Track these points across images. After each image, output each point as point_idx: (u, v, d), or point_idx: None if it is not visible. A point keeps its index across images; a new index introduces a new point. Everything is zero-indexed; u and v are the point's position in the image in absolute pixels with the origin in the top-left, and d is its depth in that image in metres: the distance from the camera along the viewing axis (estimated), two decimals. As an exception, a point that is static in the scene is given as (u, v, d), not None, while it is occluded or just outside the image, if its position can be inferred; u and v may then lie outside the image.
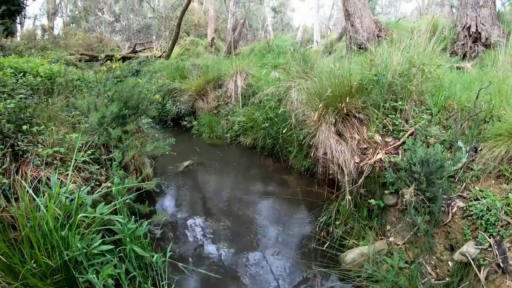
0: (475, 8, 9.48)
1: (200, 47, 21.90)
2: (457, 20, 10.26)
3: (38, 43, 20.97)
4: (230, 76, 10.45)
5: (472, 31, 9.46)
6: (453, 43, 9.97)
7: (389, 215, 4.73)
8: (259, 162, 7.74)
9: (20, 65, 7.08)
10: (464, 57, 9.53)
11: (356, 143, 5.08)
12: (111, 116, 4.56)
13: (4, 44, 17.20)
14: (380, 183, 4.80)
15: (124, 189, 4.06)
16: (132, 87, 5.05)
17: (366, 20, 11.12)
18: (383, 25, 11.91)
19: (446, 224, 4.02)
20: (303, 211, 5.73)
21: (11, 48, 16.18)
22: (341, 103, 5.23)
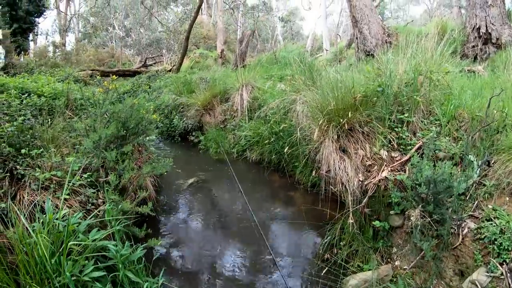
0: (484, 8, 9.23)
1: (209, 60, 22.02)
2: (466, 21, 10.02)
3: (49, 60, 21.21)
4: (236, 89, 10.35)
5: (482, 31, 9.21)
6: (463, 45, 9.75)
7: (395, 237, 4.52)
8: (265, 178, 7.58)
9: (25, 85, 7.09)
10: (475, 59, 9.30)
11: (361, 160, 4.91)
12: (106, 139, 4.47)
13: (15, 62, 17.46)
14: (386, 203, 4.61)
15: (118, 213, 3.96)
16: (129, 107, 4.96)
17: (374, 26, 11.06)
18: (392, 30, 11.79)
19: (456, 247, 3.82)
20: (308, 231, 5.56)
21: (22, 66, 16.39)
22: (343, 117, 5.08)
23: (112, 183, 4.15)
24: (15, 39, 20.09)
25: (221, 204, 6.60)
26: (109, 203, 3.93)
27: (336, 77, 5.94)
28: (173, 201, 6.66)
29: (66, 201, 4.08)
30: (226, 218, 6.03)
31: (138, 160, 5.77)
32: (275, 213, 6.20)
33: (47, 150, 4.63)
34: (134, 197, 4.65)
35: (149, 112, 5.46)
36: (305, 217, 5.64)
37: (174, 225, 5.83)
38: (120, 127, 4.81)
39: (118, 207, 4.00)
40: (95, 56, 28.93)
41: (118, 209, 3.98)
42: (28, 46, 22.08)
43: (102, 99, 4.93)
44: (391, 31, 11.63)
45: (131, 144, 4.86)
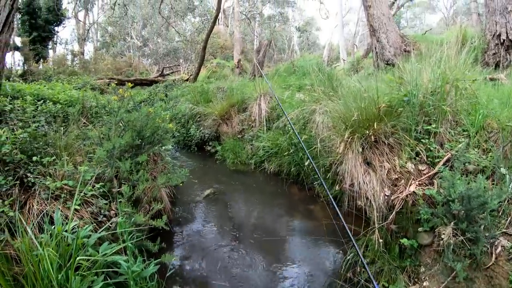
0: (503, 14, 8.87)
1: (226, 69, 21.92)
2: (485, 28, 9.65)
3: (67, 68, 21.45)
4: (254, 99, 10.17)
5: (503, 38, 8.83)
6: (483, 53, 9.40)
7: (424, 255, 4.20)
8: (284, 190, 7.31)
9: (41, 92, 7.03)
10: (497, 67, 8.88)
11: (386, 173, 4.65)
12: (120, 148, 4.29)
13: (34, 69, 17.66)
14: (414, 219, 4.32)
15: (131, 227, 3.77)
16: (145, 116, 4.79)
17: (392, 34, 10.87)
18: (410, 38, 11.52)
19: (488, 267, 3.52)
20: (329, 247, 5.29)
21: (40, 73, 16.55)
22: (368, 129, 4.83)
23: (125, 195, 3.95)
24: (34, 47, 20.48)
25: (238, 217, 6.35)
26: (122, 215, 3.73)
27: (358, 87, 5.69)
28: (188, 213, 6.45)
29: (77, 212, 3.91)
30: (243, 232, 5.77)
31: (153, 170, 5.59)
32: (294, 227, 5.94)
33: (60, 158, 4.49)
34: (148, 209, 4.46)
35: (165, 121, 5.28)
36: (326, 232, 5.39)
37: (189, 239, 5.60)
38: (135, 136, 4.64)
39: (131, 220, 3.80)
40: (113, 65, 29.11)
41: (131, 222, 3.78)
42: (47, 54, 22.43)
43: (117, 107, 4.76)
44: (409, 39, 11.39)
45: (146, 154, 4.67)
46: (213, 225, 6.01)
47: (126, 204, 4.00)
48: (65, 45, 35.89)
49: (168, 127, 5.24)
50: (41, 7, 21.18)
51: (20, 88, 7.07)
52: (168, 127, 5.23)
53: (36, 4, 20.77)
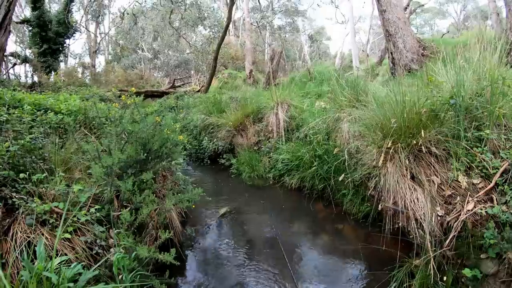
0: None
1: (238, 80, 21.46)
2: (508, 28, 8.93)
3: (77, 80, 21.32)
4: (270, 108, 9.48)
5: None
6: (507, 54, 8.65)
7: (486, 286, 3.45)
8: (307, 207, 6.55)
9: (42, 101, 6.52)
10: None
11: (436, 188, 3.92)
12: (120, 164, 3.61)
13: (43, 81, 17.36)
14: (474, 244, 3.57)
15: (132, 262, 3.08)
16: (151, 126, 4.14)
17: (409, 39, 10.39)
18: (428, 42, 10.90)
19: None
20: (365, 274, 4.51)
21: (49, 85, 16.27)
22: (413, 137, 4.13)
23: (125, 221, 3.26)
24: (45, 59, 20.28)
25: (257, 240, 5.58)
26: (119, 250, 3.06)
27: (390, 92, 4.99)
28: (202, 235, 5.75)
29: (68, 242, 3.25)
30: (263, 259, 5.03)
31: (162, 188, 4.92)
32: (322, 251, 5.16)
33: (54, 174, 3.85)
34: (155, 236, 3.78)
35: (175, 132, 4.59)
36: (362, 258, 4.66)
37: (202, 266, 4.89)
38: (140, 149, 3.96)
39: (131, 255, 3.10)
40: (124, 77, 28.85)
41: (132, 257, 3.09)
42: (57, 66, 22.12)
43: (118, 116, 4.08)
44: (426, 43, 10.78)
45: (151, 171, 3.99)
46: (230, 251, 5.27)
47: (126, 233, 3.32)
48: (77, 58, 35.94)
49: (178, 139, 4.53)
50: (51, 19, 20.96)
51: (21, 98, 6.55)
52: (178, 139, 4.52)
53: (46, 16, 20.54)
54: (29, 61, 20.44)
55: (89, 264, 3.17)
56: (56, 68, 21.41)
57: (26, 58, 20.85)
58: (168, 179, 5.39)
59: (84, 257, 3.24)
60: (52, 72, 20.40)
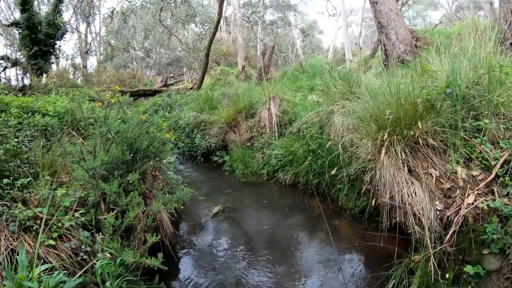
0: None
1: (231, 76, 21.29)
2: (500, 17, 8.79)
3: (68, 81, 21.10)
4: (262, 103, 9.32)
5: None
6: (501, 42, 8.52)
7: (490, 283, 3.31)
8: (302, 203, 6.42)
9: (30, 104, 6.38)
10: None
11: (435, 182, 3.78)
12: (105, 166, 3.46)
13: (34, 83, 17.14)
14: (476, 239, 3.44)
15: (118, 268, 2.93)
16: (137, 126, 3.98)
17: (401, 30, 10.26)
18: (420, 33, 10.80)
19: None
20: (362, 272, 4.39)
21: (40, 87, 16.07)
22: (409, 129, 3.99)
23: (109, 226, 3.10)
24: (35, 62, 19.98)
25: (252, 239, 5.44)
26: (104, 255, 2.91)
27: (387, 82, 4.84)
28: (194, 235, 5.61)
29: (53, 249, 3.10)
30: (258, 258, 4.89)
31: (151, 188, 4.76)
32: (319, 248, 5.03)
33: (40, 178, 3.70)
34: (144, 239, 3.63)
35: (161, 131, 4.41)
36: (360, 254, 4.54)
37: (195, 267, 4.73)
38: (126, 149, 3.80)
39: (116, 261, 2.95)
40: (116, 77, 28.59)
41: (117, 263, 2.93)
42: (48, 68, 21.82)
43: (102, 116, 3.91)
44: (419, 34, 10.67)
45: (138, 172, 3.83)
46: (223, 251, 5.13)
47: (113, 237, 3.18)
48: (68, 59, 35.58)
49: (165, 137, 4.35)
50: (41, 21, 20.64)
51: (8, 101, 6.40)
52: (165, 138, 4.35)
53: (36, 18, 20.23)
54: (19, 64, 20.12)
55: (74, 271, 3.03)
56: (47, 70, 21.13)
57: (16, 61, 20.52)
58: (158, 179, 5.23)
59: (70, 264, 3.10)
60: (43, 74, 20.18)
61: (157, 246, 3.98)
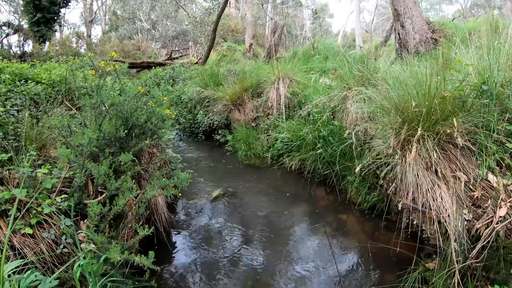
0: None
1: (237, 53, 20.80)
2: None
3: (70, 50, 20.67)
4: (271, 83, 8.85)
5: None
6: None
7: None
8: (307, 192, 6.01)
9: (24, 71, 5.97)
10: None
11: (463, 187, 3.36)
12: (92, 144, 3.02)
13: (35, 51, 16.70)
14: (505, 256, 3.02)
15: (100, 268, 2.53)
16: (133, 98, 3.53)
17: (418, 20, 9.85)
18: (437, 25, 10.31)
19: None
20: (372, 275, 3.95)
21: (41, 55, 15.66)
22: (436, 124, 3.56)
23: (94, 215, 2.68)
24: (38, 29, 19.44)
25: (252, 228, 5.05)
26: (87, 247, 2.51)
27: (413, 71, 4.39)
28: (192, 221, 5.23)
29: (31, 239, 2.70)
30: (257, 249, 4.53)
31: (147, 167, 4.34)
32: (324, 246, 4.60)
33: (24, 154, 3.30)
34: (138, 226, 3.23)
35: (161, 106, 3.95)
36: (368, 255, 4.15)
37: (191, 255, 4.37)
38: (120, 125, 3.38)
39: (99, 260, 2.53)
40: (120, 48, 28.08)
41: (100, 262, 2.52)
42: (52, 36, 21.26)
43: (95, 85, 3.45)
44: (436, 26, 10.20)
45: (132, 151, 3.41)
46: (222, 238, 4.78)
47: (96, 227, 2.77)
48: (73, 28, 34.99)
49: (165, 113, 3.89)
50: (45, -12, 20.03)
51: (1, 67, 5.98)
52: (164, 114, 3.88)
53: (40, -16, 19.61)
54: (21, 30, 19.59)
55: (54, 267, 2.65)
56: (50, 38, 20.62)
57: (19, 28, 19.97)
58: (156, 157, 4.80)
59: (49, 258, 2.70)
60: (45, 42, 19.70)
61: (152, 233, 3.60)
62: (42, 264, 2.64)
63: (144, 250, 3.59)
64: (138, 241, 3.07)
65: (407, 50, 9.62)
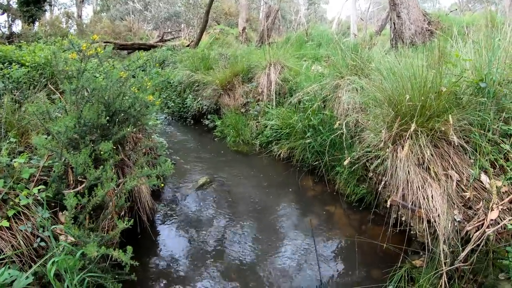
0: None
1: (230, 37, 20.53)
2: None
3: (60, 30, 20.30)
4: (262, 68, 8.70)
5: None
6: None
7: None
8: (295, 182, 5.92)
9: (8, 53, 5.82)
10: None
11: (455, 186, 3.28)
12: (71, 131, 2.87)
13: (23, 31, 16.36)
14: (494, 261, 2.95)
15: (76, 263, 2.42)
16: (116, 83, 3.38)
17: (414, 11, 9.67)
18: (433, 17, 10.18)
19: None
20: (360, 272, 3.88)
21: (29, 35, 15.35)
22: (430, 120, 3.47)
23: (71, 208, 2.55)
24: (27, 9, 18.95)
25: (238, 217, 4.98)
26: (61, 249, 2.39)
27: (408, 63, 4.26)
28: (177, 209, 5.12)
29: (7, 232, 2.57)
30: (243, 238, 4.47)
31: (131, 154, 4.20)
32: (308, 239, 4.51)
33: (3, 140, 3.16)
34: (119, 217, 3.12)
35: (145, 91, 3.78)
36: (357, 252, 4.08)
37: (173, 246, 4.30)
38: (102, 111, 3.23)
39: (75, 256, 2.41)
40: (111, 29, 27.61)
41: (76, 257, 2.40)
42: (41, 16, 20.79)
43: (76, 69, 3.28)
44: (432, 18, 10.06)
45: (114, 139, 3.27)
46: (206, 227, 4.72)
47: (74, 219, 2.64)
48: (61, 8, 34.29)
49: (148, 99, 3.70)
50: (35, -35, 19.50)
51: (-18, 50, 5.85)
52: (147, 100, 3.70)
53: (29, -38, 19.08)
54: (9, 10, 19.10)
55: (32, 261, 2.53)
56: (39, 18, 20.16)
57: (8, 8, 19.45)
58: (142, 143, 4.66)
59: (26, 252, 2.58)
60: (35, 22, 19.28)
61: (135, 221, 3.51)
62: (19, 259, 2.53)
63: (126, 240, 3.52)
64: (120, 232, 2.95)
65: (402, 41, 9.48)
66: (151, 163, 4.47)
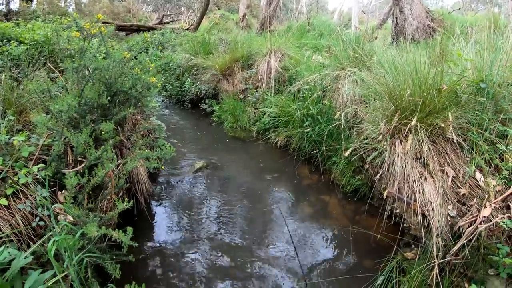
0: None
1: (230, 22, 20.37)
2: None
3: (58, 9, 20.06)
4: (262, 55, 8.67)
5: None
6: None
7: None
8: (292, 170, 5.96)
9: (6, 30, 5.78)
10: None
11: (450, 182, 3.31)
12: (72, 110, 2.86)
13: (21, 9, 16.18)
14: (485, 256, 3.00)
15: (77, 242, 2.43)
16: (118, 63, 3.37)
17: (417, 7, 9.70)
18: (436, 15, 10.17)
19: None
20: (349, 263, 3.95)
21: (27, 13, 15.20)
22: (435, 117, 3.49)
23: (71, 187, 2.57)
24: (26, -15, 18.77)
25: (233, 201, 5.03)
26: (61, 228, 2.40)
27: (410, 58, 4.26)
28: (173, 192, 5.16)
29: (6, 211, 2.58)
30: (237, 223, 4.53)
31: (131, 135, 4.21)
32: (303, 226, 4.58)
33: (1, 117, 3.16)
34: (118, 198, 3.13)
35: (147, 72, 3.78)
36: (351, 242, 4.13)
37: (169, 228, 4.35)
38: (103, 91, 3.23)
39: (75, 235, 2.43)
40: (110, 9, 27.33)
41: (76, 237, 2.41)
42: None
43: (78, 48, 3.26)
44: (434, 15, 10.06)
45: (115, 119, 3.28)
46: (202, 209, 4.81)
47: (73, 199, 2.66)
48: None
49: (150, 81, 3.70)
50: None
51: (-19, 27, 5.80)
52: (149, 81, 3.69)
53: None
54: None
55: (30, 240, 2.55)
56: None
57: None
58: (140, 125, 4.67)
59: (25, 231, 2.59)
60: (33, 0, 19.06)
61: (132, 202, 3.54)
62: (17, 238, 2.54)
63: (124, 222, 3.55)
64: (118, 214, 2.97)
65: (404, 36, 9.51)
66: (150, 146, 4.47)
